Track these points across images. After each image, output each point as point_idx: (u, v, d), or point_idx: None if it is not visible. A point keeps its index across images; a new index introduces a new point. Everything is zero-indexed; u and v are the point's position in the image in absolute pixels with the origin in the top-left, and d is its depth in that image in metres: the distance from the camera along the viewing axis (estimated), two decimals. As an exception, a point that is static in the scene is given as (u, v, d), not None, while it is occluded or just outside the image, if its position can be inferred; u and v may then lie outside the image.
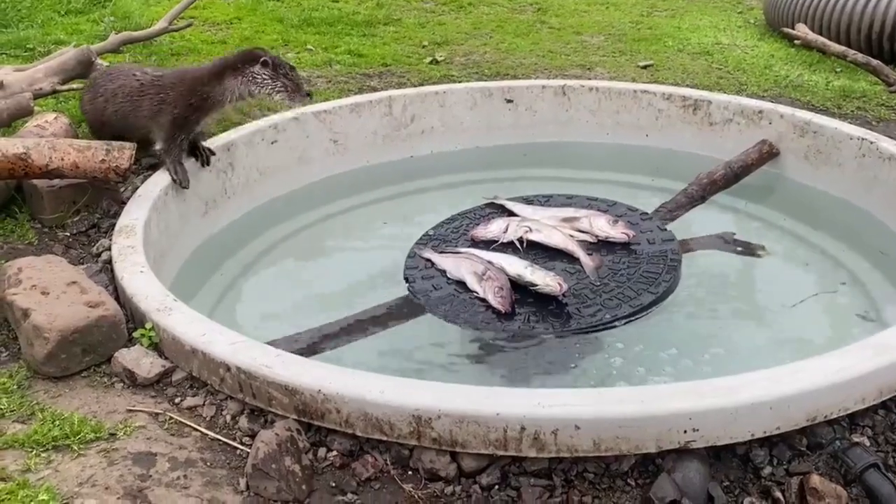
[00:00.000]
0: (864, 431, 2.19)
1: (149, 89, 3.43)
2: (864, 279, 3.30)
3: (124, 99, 3.46)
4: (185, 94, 3.36)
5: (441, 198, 4.00)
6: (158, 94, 3.41)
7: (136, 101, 3.43)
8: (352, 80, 5.01)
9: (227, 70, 3.36)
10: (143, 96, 3.43)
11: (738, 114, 4.16)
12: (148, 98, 3.41)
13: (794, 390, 2.06)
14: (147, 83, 3.45)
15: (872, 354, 2.17)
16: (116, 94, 3.48)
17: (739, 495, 2.04)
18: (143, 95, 3.43)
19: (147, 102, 3.41)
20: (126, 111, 3.46)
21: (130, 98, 3.45)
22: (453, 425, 2.05)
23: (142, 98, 3.42)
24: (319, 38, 5.86)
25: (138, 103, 3.43)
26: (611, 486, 2.05)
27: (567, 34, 6.20)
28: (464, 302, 3.01)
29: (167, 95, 3.39)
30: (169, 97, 3.38)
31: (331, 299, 3.24)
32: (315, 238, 3.75)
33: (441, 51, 5.64)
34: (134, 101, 3.44)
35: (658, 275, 3.10)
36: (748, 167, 3.94)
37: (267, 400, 2.23)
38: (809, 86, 4.99)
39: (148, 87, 3.44)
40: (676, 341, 2.89)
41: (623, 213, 3.52)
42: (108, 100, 3.51)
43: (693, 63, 5.49)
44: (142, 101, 3.42)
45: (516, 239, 3.29)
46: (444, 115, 4.38)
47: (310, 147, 4.09)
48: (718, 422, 2.02)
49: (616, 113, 4.44)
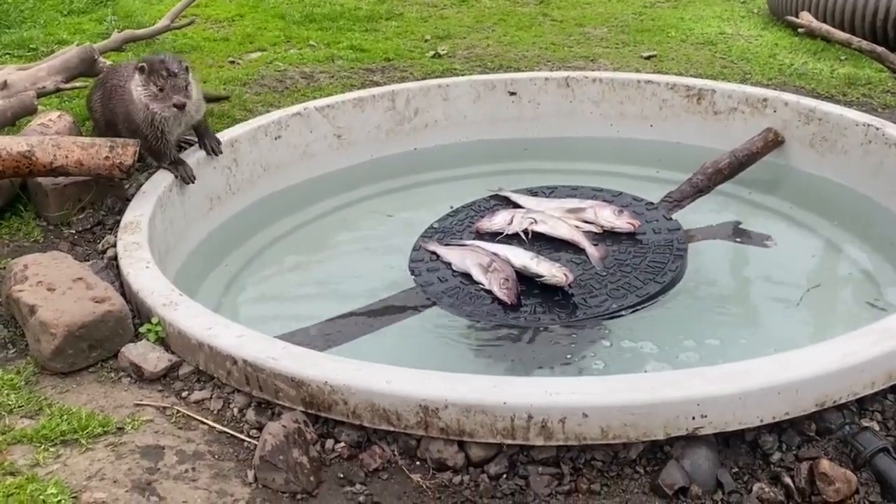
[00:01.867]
0: (874, 416, 2.18)
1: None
2: (871, 268, 3.28)
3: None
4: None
5: (445, 191, 3.99)
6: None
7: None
8: (354, 76, 5.01)
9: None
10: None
11: (742, 102, 4.14)
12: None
13: (802, 375, 2.05)
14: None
15: (880, 339, 2.16)
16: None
17: (749, 481, 2.03)
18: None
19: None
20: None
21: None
22: (461, 415, 2.05)
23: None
24: (322, 33, 5.86)
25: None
26: (619, 474, 2.04)
27: (570, 26, 6.18)
28: (469, 294, 3.00)
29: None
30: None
31: (337, 293, 3.24)
32: (320, 233, 3.75)
33: (443, 44, 5.63)
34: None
35: (664, 264, 3.09)
36: (753, 156, 3.92)
37: (274, 392, 2.23)
38: (814, 74, 4.96)
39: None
40: (683, 330, 2.88)
41: (628, 204, 3.51)
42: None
43: (697, 53, 5.47)
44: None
45: (521, 230, 3.28)
46: (448, 109, 4.37)
47: (313, 142, 4.09)
48: (727, 408, 2.01)
49: (620, 104, 4.42)
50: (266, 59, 5.34)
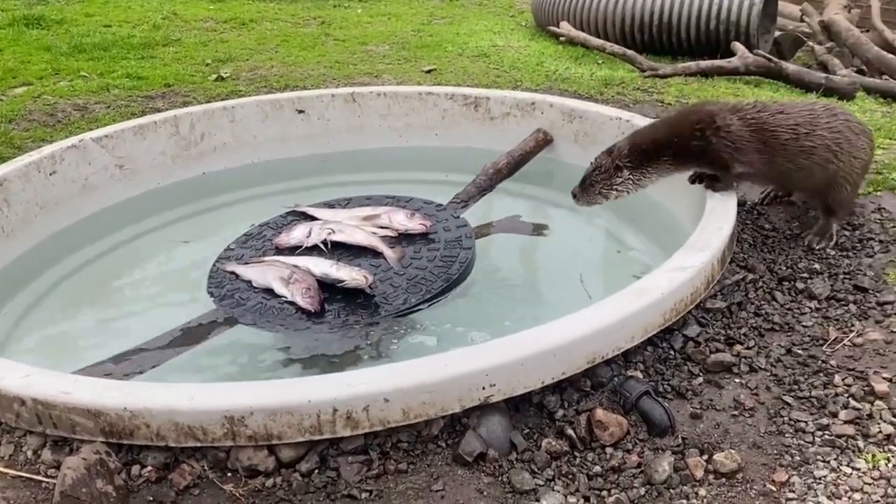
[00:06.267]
0: (637, 366, 2.49)
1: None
2: (638, 245, 3.70)
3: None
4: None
5: (240, 212, 3.98)
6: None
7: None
8: (133, 103, 4.85)
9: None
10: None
11: (514, 107, 4.49)
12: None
13: (573, 336, 2.30)
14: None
15: (634, 298, 2.47)
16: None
17: (538, 439, 2.24)
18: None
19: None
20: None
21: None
22: (267, 419, 2.09)
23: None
24: (93, 63, 5.61)
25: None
26: (424, 451, 2.18)
27: (352, 45, 6.37)
28: (273, 308, 3.04)
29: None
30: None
31: (134, 326, 3.13)
32: (111, 266, 3.60)
33: (226, 67, 5.60)
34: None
35: (455, 258, 3.30)
36: (527, 154, 4.28)
37: (70, 427, 2.15)
38: (576, 77, 5.49)
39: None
40: (478, 316, 3.10)
41: (420, 207, 3.70)
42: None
43: (472, 65, 5.85)
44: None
45: (320, 242, 3.36)
46: (236, 130, 4.37)
47: (93, 175, 3.92)
48: (512, 374, 2.21)
49: (405, 115, 4.63)
50: (33, 94, 5.03)
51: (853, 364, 2.47)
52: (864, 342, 2.55)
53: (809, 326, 2.67)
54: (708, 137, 3.00)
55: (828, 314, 2.72)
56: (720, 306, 2.76)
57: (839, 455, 2.14)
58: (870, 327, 2.62)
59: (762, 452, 2.18)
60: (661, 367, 2.50)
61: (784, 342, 2.60)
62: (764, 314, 2.74)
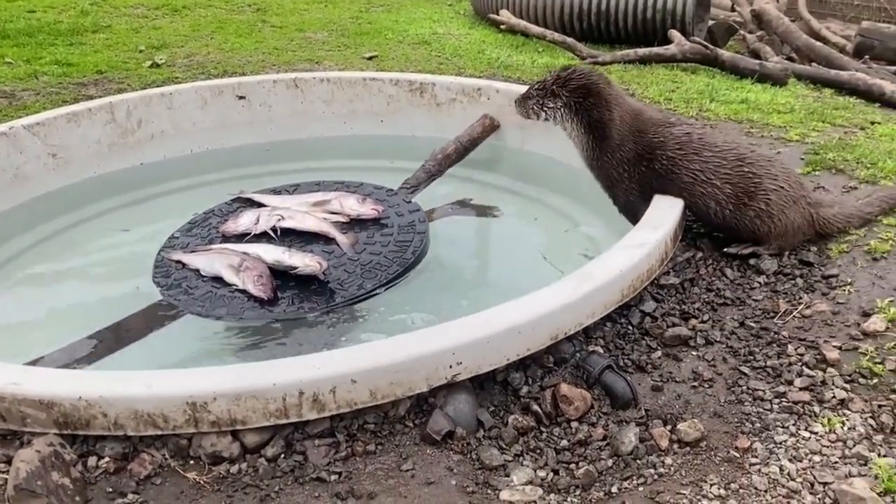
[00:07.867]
0: (598, 342, 2.51)
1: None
2: (583, 222, 3.74)
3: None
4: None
5: (182, 200, 3.86)
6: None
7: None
8: (64, 91, 4.66)
9: None
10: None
11: (460, 93, 4.48)
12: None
13: (536, 314, 2.31)
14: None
15: (595, 275, 2.49)
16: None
17: (504, 416, 2.24)
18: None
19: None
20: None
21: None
22: (231, 404, 2.03)
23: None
24: (18, 49, 5.36)
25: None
26: (391, 432, 2.15)
27: (290, 31, 6.25)
28: (223, 296, 2.95)
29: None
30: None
31: (76, 318, 3.01)
32: (47, 256, 3.45)
33: (161, 54, 5.43)
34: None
35: (409, 242, 3.28)
36: (475, 140, 4.27)
37: (20, 420, 2.04)
38: (518, 65, 5.52)
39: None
40: (437, 296, 3.09)
41: (370, 192, 3.66)
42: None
43: (414, 52, 5.81)
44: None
45: (269, 228, 3.29)
46: (174, 117, 4.23)
47: (25, 164, 3.75)
48: (477, 352, 2.20)
49: (350, 101, 4.58)
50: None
51: (804, 334, 2.55)
52: (812, 313, 2.64)
53: (760, 300, 2.75)
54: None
55: (776, 288, 2.81)
56: (674, 282, 2.82)
57: (797, 420, 2.20)
58: (817, 299, 2.71)
59: (723, 421, 2.23)
60: (620, 342, 2.54)
61: (737, 315, 2.67)
62: (716, 289, 2.81)
